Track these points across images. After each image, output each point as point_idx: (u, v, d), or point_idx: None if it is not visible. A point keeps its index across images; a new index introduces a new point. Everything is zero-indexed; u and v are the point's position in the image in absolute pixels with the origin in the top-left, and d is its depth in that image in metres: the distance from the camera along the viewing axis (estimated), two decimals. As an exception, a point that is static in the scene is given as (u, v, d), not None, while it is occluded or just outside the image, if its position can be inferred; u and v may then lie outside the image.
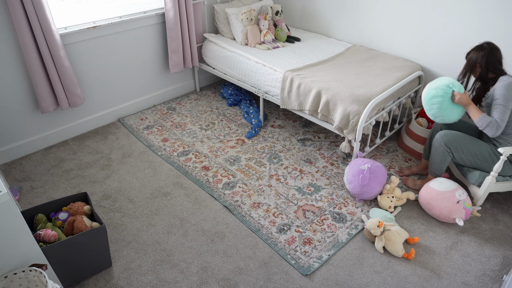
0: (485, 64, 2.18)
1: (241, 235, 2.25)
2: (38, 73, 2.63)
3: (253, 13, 3.36)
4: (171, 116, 3.47)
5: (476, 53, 2.20)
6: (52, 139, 3.05)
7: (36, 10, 2.44)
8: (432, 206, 2.29)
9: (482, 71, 2.21)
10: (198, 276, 2.01)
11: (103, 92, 3.23)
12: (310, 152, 2.98)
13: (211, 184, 2.63)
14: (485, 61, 2.17)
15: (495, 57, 2.17)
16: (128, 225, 2.32)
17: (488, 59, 2.17)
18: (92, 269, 1.97)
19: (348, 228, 2.29)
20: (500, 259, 2.11)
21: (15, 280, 1.51)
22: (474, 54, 2.22)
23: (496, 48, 2.18)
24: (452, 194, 2.23)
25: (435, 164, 2.40)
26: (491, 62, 2.17)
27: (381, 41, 3.24)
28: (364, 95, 2.53)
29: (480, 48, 2.20)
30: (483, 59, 2.17)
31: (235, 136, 3.17)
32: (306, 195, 2.55)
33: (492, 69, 2.18)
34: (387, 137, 3.03)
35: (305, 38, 3.58)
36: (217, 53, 3.44)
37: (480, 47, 2.20)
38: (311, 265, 2.06)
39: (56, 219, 1.92)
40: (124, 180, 2.68)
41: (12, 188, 2.50)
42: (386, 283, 1.97)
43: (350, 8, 3.33)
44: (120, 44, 3.14)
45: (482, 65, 2.19)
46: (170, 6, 3.16)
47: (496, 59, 2.18)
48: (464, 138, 2.26)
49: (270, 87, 3.04)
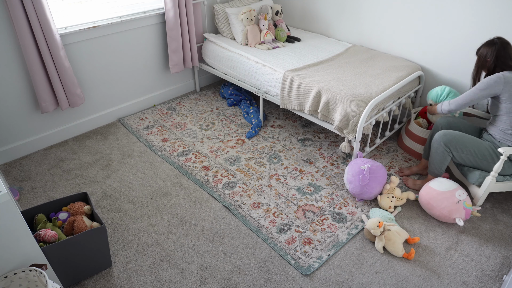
0: (494, 59, 2.15)
1: (241, 235, 2.25)
2: (38, 73, 2.63)
3: (253, 13, 3.36)
4: (171, 116, 3.47)
5: (487, 48, 2.18)
6: (52, 139, 3.05)
7: (36, 10, 2.44)
8: (432, 206, 2.29)
9: (490, 66, 2.19)
10: (198, 276, 2.01)
11: (103, 92, 3.23)
12: (310, 152, 2.98)
13: (211, 184, 2.63)
14: (495, 56, 2.14)
15: (506, 52, 2.13)
16: (128, 225, 2.32)
17: (498, 54, 2.13)
18: (92, 269, 1.97)
19: (348, 228, 2.29)
20: (500, 259, 2.11)
21: (15, 280, 1.51)
22: (484, 49, 2.19)
23: (507, 43, 2.15)
24: (452, 194, 2.23)
25: (435, 164, 2.40)
26: (502, 56, 2.13)
27: (381, 41, 3.24)
28: (364, 95, 2.53)
29: (490, 43, 2.17)
30: (493, 53, 2.14)
31: (235, 136, 3.17)
32: (306, 195, 2.55)
33: (501, 64, 2.14)
34: (387, 137, 3.03)
35: (305, 38, 3.58)
36: (217, 53, 3.44)
37: (490, 42, 2.17)
38: (311, 265, 2.06)
39: (56, 219, 1.92)
40: (124, 180, 2.68)
41: (12, 188, 2.50)
42: (386, 283, 1.97)
43: (350, 8, 3.33)
44: (120, 44, 3.14)
45: (492, 60, 2.16)
46: (170, 6, 3.16)
47: (508, 54, 2.13)
48: (463, 137, 2.26)
49: (270, 87, 3.04)
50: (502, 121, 2.21)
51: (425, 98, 3.14)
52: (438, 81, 2.98)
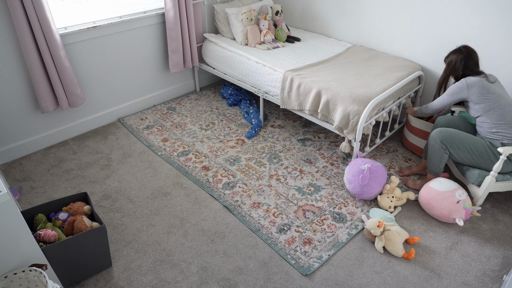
0: (463, 67, 2.32)
1: (241, 235, 2.25)
2: (38, 73, 2.63)
3: (253, 13, 3.36)
4: (171, 116, 3.47)
5: (455, 56, 2.34)
6: (52, 139, 3.05)
7: (36, 10, 2.44)
8: (432, 206, 2.29)
9: (458, 74, 2.36)
10: (198, 276, 2.01)
11: (103, 92, 3.23)
12: (310, 152, 2.98)
13: (211, 184, 2.63)
14: (463, 64, 2.31)
15: (473, 60, 2.31)
16: (128, 225, 2.32)
17: (466, 62, 2.31)
18: (92, 269, 1.97)
19: (348, 228, 2.29)
20: (500, 259, 2.11)
21: (15, 280, 1.51)
22: (453, 57, 2.36)
23: (473, 51, 2.32)
24: (452, 194, 2.23)
25: (433, 162, 2.40)
26: (469, 64, 2.31)
27: (381, 41, 3.24)
28: (364, 95, 2.53)
29: (458, 51, 2.34)
30: (462, 62, 2.32)
31: (235, 136, 3.17)
32: (306, 195, 2.55)
33: (469, 71, 2.31)
34: (387, 137, 3.03)
35: (305, 38, 3.58)
36: (217, 53, 3.44)
37: (458, 50, 2.35)
38: (311, 265, 2.06)
39: (56, 219, 1.92)
40: (124, 180, 2.68)
41: (12, 188, 2.50)
42: (386, 283, 1.97)
43: (350, 8, 3.33)
44: (120, 44, 3.14)
45: (461, 67, 2.33)
46: (170, 6, 3.16)
47: (474, 61, 2.31)
48: (459, 134, 2.29)
49: (270, 87, 3.04)
50: (483, 121, 2.28)
51: (425, 98, 3.14)
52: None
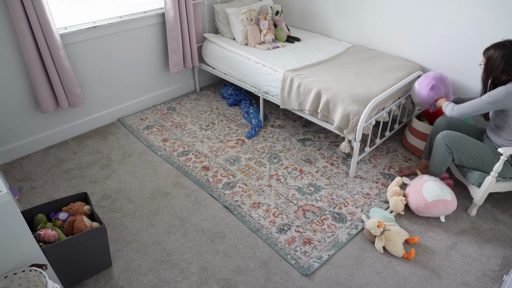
0: (503, 65, 1.96)
1: (241, 235, 2.25)
2: (38, 73, 2.63)
3: (253, 13, 3.36)
4: (171, 116, 3.47)
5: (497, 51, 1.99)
6: (52, 139, 3.05)
7: (36, 10, 2.44)
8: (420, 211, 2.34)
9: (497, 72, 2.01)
10: (198, 276, 2.01)
11: (103, 92, 3.23)
12: (310, 152, 2.98)
13: (211, 184, 2.63)
14: (504, 62, 1.96)
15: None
16: (128, 225, 2.32)
17: (508, 59, 1.95)
18: (92, 269, 1.97)
19: (348, 228, 2.29)
20: (500, 259, 2.11)
21: (15, 280, 1.51)
22: (493, 51, 2.01)
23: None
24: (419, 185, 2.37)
25: (436, 164, 2.40)
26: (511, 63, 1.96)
27: (381, 41, 3.24)
28: (364, 95, 2.53)
29: (501, 46, 1.98)
30: (503, 59, 1.96)
31: (235, 136, 3.17)
32: (306, 195, 2.55)
33: (510, 70, 1.97)
34: (387, 137, 3.03)
35: (305, 38, 3.58)
36: (217, 53, 3.44)
37: (501, 44, 1.99)
38: (311, 265, 2.06)
39: (56, 219, 1.92)
40: (124, 180, 2.68)
41: (12, 188, 2.50)
42: (386, 283, 1.97)
43: (350, 8, 3.33)
44: (120, 44, 3.14)
45: (501, 66, 1.97)
46: (170, 6, 3.16)
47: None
48: (465, 139, 2.25)
49: (270, 87, 3.04)
50: (506, 132, 2.14)
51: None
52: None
